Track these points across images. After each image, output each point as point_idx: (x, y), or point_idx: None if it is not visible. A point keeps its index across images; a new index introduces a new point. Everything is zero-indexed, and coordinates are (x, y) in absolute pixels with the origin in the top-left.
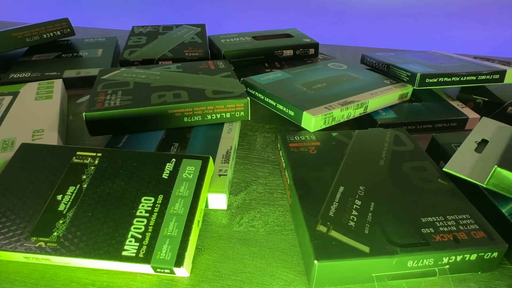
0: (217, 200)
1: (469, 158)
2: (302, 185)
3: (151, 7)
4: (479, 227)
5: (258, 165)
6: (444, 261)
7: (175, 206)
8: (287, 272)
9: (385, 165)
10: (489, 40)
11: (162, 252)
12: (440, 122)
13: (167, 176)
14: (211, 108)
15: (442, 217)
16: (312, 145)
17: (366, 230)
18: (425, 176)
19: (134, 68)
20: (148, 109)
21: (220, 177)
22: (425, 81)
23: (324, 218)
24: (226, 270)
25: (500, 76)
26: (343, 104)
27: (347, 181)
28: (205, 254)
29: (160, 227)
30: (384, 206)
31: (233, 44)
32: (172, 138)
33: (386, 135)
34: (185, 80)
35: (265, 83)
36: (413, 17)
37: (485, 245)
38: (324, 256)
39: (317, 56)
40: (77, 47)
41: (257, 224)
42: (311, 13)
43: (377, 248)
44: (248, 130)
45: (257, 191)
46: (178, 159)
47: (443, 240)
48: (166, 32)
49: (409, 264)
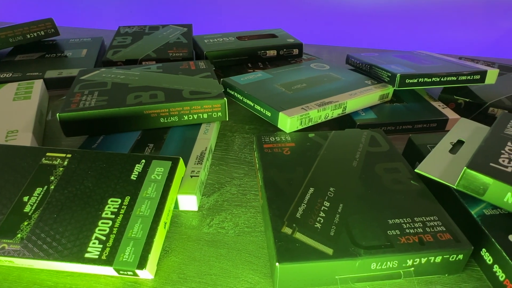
0: (188, 201)
1: (442, 159)
2: (271, 186)
3: (141, 7)
4: (445, 229)
5: (234, 166)
6: (408, 264)
7: (142, 207)
8: (252, 275)
9: (358, 166)
10: (478, 40)
11: (125, 254)
12: (420, 122)
13: (135, 178)
14: (188, 108)
15: (410, 219)
16: (287, 146)
17: (332, 232)
18: (397, 177)
19: (114, 69)
20: (123, 110)
21: (191, 178)
22: (405, 82)
23: (291, 220)
24: (191, 272)
25: (481, 77)
26: (320, 105)
27: (317, 182)
28: (172, 256)
29: (125, 229)
30: (353, 208)
31: (215, 44)
32: (148, 138)
33: (362, 136)
34: (164, 80)
35: (244, 84)
36: (403, 17)
37: (450, 247)
38: (286, 258)
39: (301, 56)
40: (62, 47)
41: (227, 226)
42: (302, 13)
43: (341, 250)
44: (227, 131)
45: (230, 192)
46: (148, 160)
47: (408, 242)
48: (152, 32)
49: (372, 266)
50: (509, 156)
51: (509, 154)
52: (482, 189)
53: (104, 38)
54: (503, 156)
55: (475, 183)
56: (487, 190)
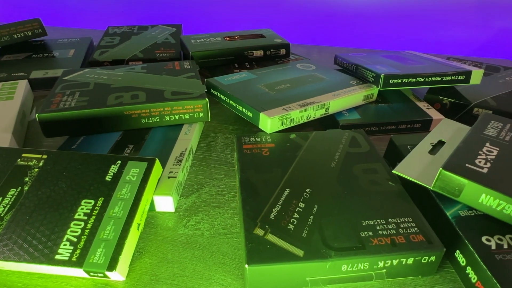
0: (164, 202)
1: (421, 160)
2: (247, 187)
3: (133, 7)
4: (419, 230)
5: (215, 167)
6: (380, 265)
7: (115, 209)
8: (225, 276)
9: (336, 167)
10: (471, 41)
11: (96, 255)
12: (404, 123)
13: (110, 179)
14: (169, 109)
15: (384, 220)
16: (266, 147)
17: (304, 233)
18: (375, 178)
19: (98, 69)
20: (103, 111)
21: (169, 179)
22: (389, 82)
23: (264, 221)
24: (164, 274)
25: (466, 77)
26: (302, 105)
27: (294, 183)
28: (145, 257)
29: (96, 230)
30: (327, 209)
31: (202, 45)
32: (129, 139)
33: (343, 136)
34: (147, 81)
35: (227, 84)
36: (396, 17)
37: (422, 249)
38: (255, 260)
39: (289, 56)
40: (50, 47)
41: (203, 227)
42: (294, 13)
43: (312, 252)
44: (211, 132)
45: (209, 193)
46: (124, 161)
47: (380, 244)
48: (141, 33)
49: (343, 268)
50: (486, 157)
51: (486, 155)
52: (457, 190)
53: (96, 39)
54: (480, 157)
55: (451, 184)
56: (462, 191)
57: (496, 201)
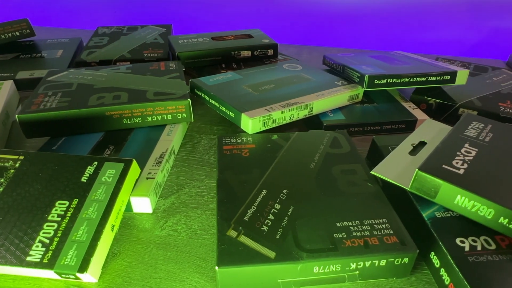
0: (141, 203)
1: (400, 161)
2: (224, 189)
3: (126, 7)
4: (393, 232)
5: (196, 168)
6: (352, 267)
7: (89, 210)
8: (198, 278)
9: (315, 168)
10: (464, 41)
11: (68, 257)
12: (388, 123)
13: (86, 180)
14: (151, 110)
15: (359, 221)
16: (246, 148)
17: (278, 235)
18: (353, 179)
19: (83, 70)
20: (83, 111)
21: (147, 180)
22: (373, 82)
23: (238, 222)
24: (137, 275)
25: (451, 77)
26: (284, 106)
27: (271, 184)
28: (120, 259)
29: (69, 232)
30: (303, 210)
31: (189, 45)
32: (110, 140)
33: (324, 137)
34: (130, 81)
35: (211, 85)
36: (389, 18)
37: (394, 250)
38: (226, 262)
39: (277, 57)
40: (39, 48)
41: (180, 228)
42: (286, 13)
43: (284, 253)
44: (195, 132)
45: (188, 194)
46: (100, 162)
47: (353, 245)
48: (130, 33)
49: (315, 270)
50: (464, 158)
51: (464, 156)
52: (433, 191)
53: (88, 39)
54: (458, 158)
55: (427, 185)
56: (438, 192)
57: (471, 202)
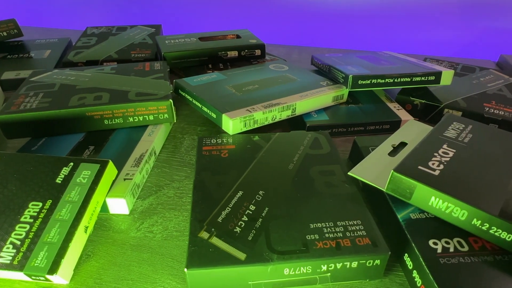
0: (118, 205)
1: (379, 162)
2: (200, 190)
3: (117, 7)
4: (366, 233)
5: (177, 169)
6: (323, 269)
7: (62, 211)
8: (170, 280)
9: (294, 169)
10: (456, 41)
11: (38, 259)
12: (372, 124)
13: (60, 181)
14: (132, 110)
15: (332, 223)
16: (226, 149)
17: (250, 236)
18: (331, 180)
19: (67, 70)
20: (64, 112)
21: (124, 181)
22: (357, 83)
23: (211, 224)
24: (109, 277)
25: (436, 78)
26: (266, 107)
27: (248, 185)
28: (93, 260)
29: (41, 233)
30: (278, 212)
31: (175, 45)
32: (91, 140)
33: (305, 138)
34: (114, 82)
35: (195, 85)
36: (382, 18)
37: (366, 252)
38: (195, 263)
39: (264, 57)
40: (27, 48)
41: (155, 230)
42: (277, 13)
43: (254, 255)
44: (178, 133)
45: (167, 195)
46: (76, 163)
47: (324, 247)
48: (119, 33)
49: (285, 271)
50: (440, 158)
51: (441, 157)
52: (408, 192)
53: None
54: (435, 159)
55: (402, 186)
56: (413, 194)
57: (445, 203)
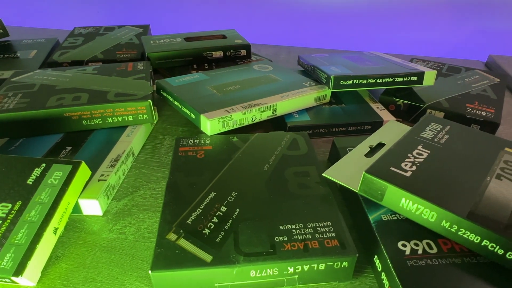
0: (91, 206)
1: (355, 163)
2: (172, 191)
3: (108, 7)
4: (335, 235)
5: (155, 169)
6: (290, 271)
7: (31, 213)
8: (138, 282)
9: (269, 170)
10: (446, 41)
11: (4, 260)
12: (354, 124)
13: (31, 182)
14: (111, 111)
15: (302, 224)
16: (203, 149)
17: (218, 238)
18: (305, 181)
19: (49, 70)
20: (41, 112)
21: (98, 182)
22: (339, 83)
23: (180, 225)
24: (77, 279)
25: (419, 78)
26: (246, 107)
27: (221, 186)
28: (62, 262)
29: (9, 235)
30: (249, 213)
31: (160, 46)
32: (69, 141)
33: (284, 139)
34: (94, 82)
35: (176, 85)
36: (372, 18)
37: (333, 254)
38: (160, 265)
39: (250, 57)
40: (13, 48)
41: (128, 231)
42: (266, 13)
43: (220, 257)
44: (159, 133)
45: (142, 197)
46: (48, 164)
47: (292, 249)
48: (106, 33)
49: (252, 274)
50: (414, 160)
51: (415, 158)
52: (380, 193)
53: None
54: (408, 160)
55: (373, 187)
56: (384, 195)
57: (415, 205)
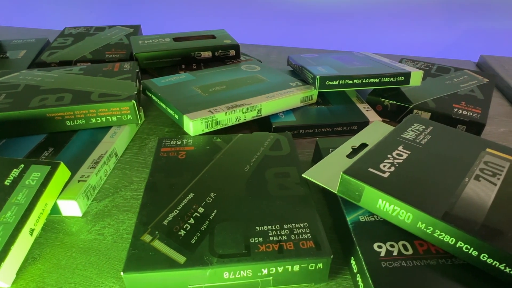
0: (69, 207)
1: (335, 164)
2: (151, 192)
3: (102, 7)
4: (311, 236)
5: (138, 170)
6: (264, 273)
7: (7, 214)
8: (114, 283)
9: (249, 171)
10: (439, 41)
11: None
12: (339, 125)
13: (9, 183)
14: (94, 111)
15: (279, 225)
16: (184, 150)
17: (194, 239)
18: (285, 182)
19: (35, 71)
20: (23, 113)
21: (78, 183)
22: (325, 84)
23: (156, 227)
24: (52, 280)
25: (405, 78)
26: (229, 108)
27: (200, 187)
28: (38, 263)
29: None
30: (226, 214)
31: (148, 46)
32: (52, 142)
33: (266, 139)
34: (79, 82)
35: (161, 86)
36: (364, 18)
37: (308, 255)
38: (132, 267)
39: (239, 57)
40: (4, 48)
41: (106, 232)
42: (257, 13)
43: (194, 258)
44: (145, 134)
45: (123, 197)
46: (27, 164)
47: (267, 250)
48: (96, 34)
49: (225, 275)
50: (393, 161)
51: (394, 159)
52: (357, 194)
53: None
54: (387, 161)
55: (351, 188)
56: (362, 196)
57: (391, 206)
